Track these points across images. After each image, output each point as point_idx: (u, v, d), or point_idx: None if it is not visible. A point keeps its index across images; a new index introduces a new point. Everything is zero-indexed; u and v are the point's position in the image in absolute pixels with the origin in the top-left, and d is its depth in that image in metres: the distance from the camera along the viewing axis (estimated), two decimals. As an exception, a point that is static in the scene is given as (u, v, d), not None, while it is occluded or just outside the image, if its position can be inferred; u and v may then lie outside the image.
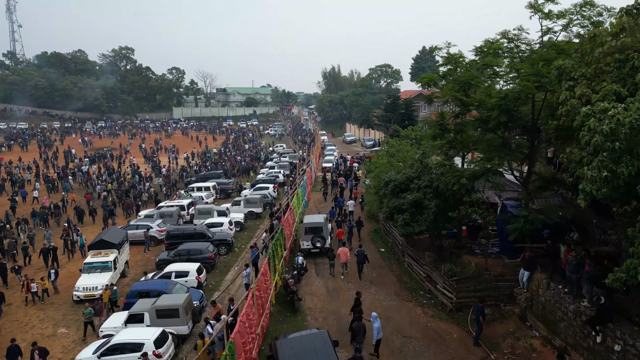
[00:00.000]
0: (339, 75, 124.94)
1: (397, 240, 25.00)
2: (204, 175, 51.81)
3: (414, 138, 36.63)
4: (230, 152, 72.13)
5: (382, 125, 69.72)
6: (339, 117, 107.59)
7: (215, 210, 35.91)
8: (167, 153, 74.00)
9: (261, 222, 37.96)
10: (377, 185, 26.40)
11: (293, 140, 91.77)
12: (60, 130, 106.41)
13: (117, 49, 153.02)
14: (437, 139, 23.22)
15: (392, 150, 35.60)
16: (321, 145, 71.00)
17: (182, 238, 30.10)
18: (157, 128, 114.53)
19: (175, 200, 39.79)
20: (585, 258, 14.93)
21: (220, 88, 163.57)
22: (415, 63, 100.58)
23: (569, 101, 12.88)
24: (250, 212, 38.99)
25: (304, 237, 26.62)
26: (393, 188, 21.66)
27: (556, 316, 16.23)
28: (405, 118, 53.71)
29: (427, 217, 20.08)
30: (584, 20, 17.93)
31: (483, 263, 20.67)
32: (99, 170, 57.37)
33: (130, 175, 52.63)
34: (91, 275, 24.72)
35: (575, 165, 13.95)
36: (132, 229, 32.82)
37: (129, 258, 29.03)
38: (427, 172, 21.85)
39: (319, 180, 49.91)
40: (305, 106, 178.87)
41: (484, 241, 23.63)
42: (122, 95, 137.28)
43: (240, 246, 32.29)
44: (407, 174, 21.96)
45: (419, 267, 21.42)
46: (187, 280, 24.35)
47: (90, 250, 26.51)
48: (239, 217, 36.10)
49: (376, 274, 23.65)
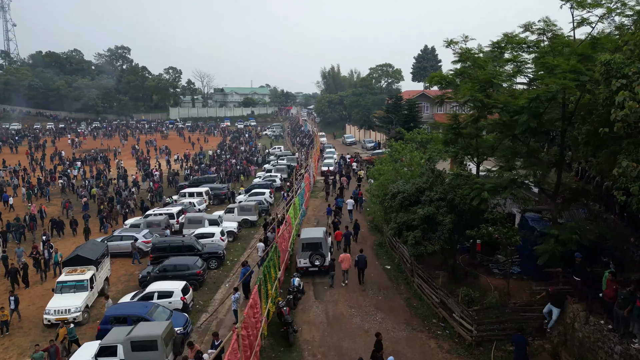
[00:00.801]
0: (338, 75, 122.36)
1: (405, 257, 22.43)
2: (197, 179, 49.24)
3: (419, 141, 34.19)
4: (225, 154, 69.40)
5: (383, 126, 67.20)
6: (338, 117, 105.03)
7: (207, 219, 33.38)
8: (160, 155, 71.44)
9: (256, 231, 35.50)
10: (381, 195, 23.94)
11: (291, 141, 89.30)
12: (53, 131, 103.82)
13: (113, 49, 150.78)
14: (450, 144, 20.73)
15: (395, 155, 33.21)
16: (320, 147, 68.41)
17: (169, 251, 27.61)
18: (152, 129, 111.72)
19: (164, 208, 37.20)
20: (638, 291, 12.48)
21: (218, 88, 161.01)
22: (417, 62, 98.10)
23: (628, 103, 10.40)
24: (244, 220, 36.49)
25: (301, 253, 23.80)
26: (401, 201, 19.10)
27: (598, 357, 13.76)
28: (408, 119, 51.14)
29: (441, 235, 17.53)
30: (625, 8, 15.41)
31: (504, 286, 18.17)
32: (82, 175, 54.62)
33: (116, 180, 49.88)
34: (64, 296, 22.18)
35: (627, 180, 11.52)
36: (115, 241, 30.37)
37: (109, 274, 26.51)
38: (440, 183, 19.34)
39: (318, 185, 47.38)
40: (304, 106, 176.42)
41: (502, 258, 21.14)
42: (117, 95, 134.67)
43: (233, 259, 29.80)
44: (417, 184, 19.39)
45: (431, 290, 18.80)
46: (171, 302, 21.84)
47: (64, 267, 23.96)
48: (232, 227, 33.58)
49: (382, 297, 20.98)
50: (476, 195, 15.90)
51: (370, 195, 28.55)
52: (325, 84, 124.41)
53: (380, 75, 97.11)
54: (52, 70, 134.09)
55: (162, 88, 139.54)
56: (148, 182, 48.48)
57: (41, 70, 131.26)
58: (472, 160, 21.33)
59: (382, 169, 25.87)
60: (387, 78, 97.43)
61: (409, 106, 52.50)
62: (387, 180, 23.97)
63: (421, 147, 34.35)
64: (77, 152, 71.32)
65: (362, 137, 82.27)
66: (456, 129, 19.82)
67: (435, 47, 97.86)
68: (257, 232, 35.18)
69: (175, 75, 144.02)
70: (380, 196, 23.97)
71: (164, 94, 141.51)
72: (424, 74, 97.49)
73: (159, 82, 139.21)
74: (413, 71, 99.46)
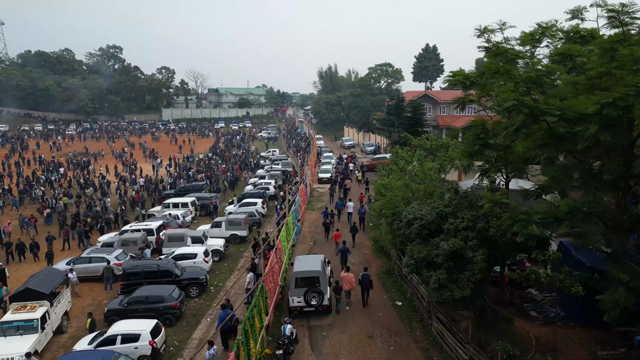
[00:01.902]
0: (335, 75, 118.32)
1: (420, 292, 18.53)
2: (183, 188, 45.29)
3: (428, 148, 30.49)
4: (216, 159, 65.32)
5: (384, 129, 63.40)
6: (336, 119, 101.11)
7: (189, 236, 29.56)
8: (147, 158, 67.45)
9: (246, 248, 31.71)
10: (389, 215, 20.17)
11: (287, 144, 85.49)
12: (41, 133, 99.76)
13: (105, 48, 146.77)
14: (475, 157, 16.96)
15: (402, 164, 29.49)
16: (317, 151, 64.50)
17: (142, 277, 23.79)
18: (142, 130, 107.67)
19: (143, 223, 33.27)
20: None
21: (212, 88, 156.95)
22: (418, 62, 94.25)
23: None
24: (233, 235, 32.72)
25: (294, 290, 19.34)
26: (419, 230, 15.30)
27: None
28: (412, 122, 47.32)
29: (471, 276, 13.73)
30: None
31: (548, 336, 14.44)
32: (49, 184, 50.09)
33: (91, 191, 45.50)
34: (8, 340, 18.36)
35: None
36: (83, 263, 26.53)
37: (70, 307, 22.64)
38: (467, 206, 15.55)
39: (315, 194, 43.60)
40: (300, 107, 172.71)
41: (537, 296, 17.43)
42: (109, 96, 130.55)
43: (217, 284, 26.01)
44: (438, 208, 15.60)
45: (456, 342, 14.90)
46: (138, 347, 18.06)
47: (12, 303, 20.07)
48: (218, 245, 29.73)
49: (394, 348, 16.77)
50: (521, 229, 12.14)
51: (376, 213, 24.75)
52: (322, 84, 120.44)
53: (380, 75, 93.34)
54: (42, 70, 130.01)
55: (155, 88, 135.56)
56: (126, 188, 44.56)
57: (30, 70, 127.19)
58: (501, 176, 17.63)
59: (390, 184, 22.12)
60: (387, 78, 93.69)
61: (412, 108, 48.64)
62: (396, 198, 20.22)
63: (430, 154, 30.64)
64: (57, 156, 67.14)
65: (362, 140, 78.50)
66: (484, 139, 16.07)
67: (437, 45, 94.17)
68: (247, 250, 31.39)
69: (168, 76, 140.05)
70: (388, 216, 20.21)
71: (156, 95, 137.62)
72: (425, 73, 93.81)
73: (152, 83, 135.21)
74: (414, 71, 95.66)
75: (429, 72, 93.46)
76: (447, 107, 68.72)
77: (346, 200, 36.24)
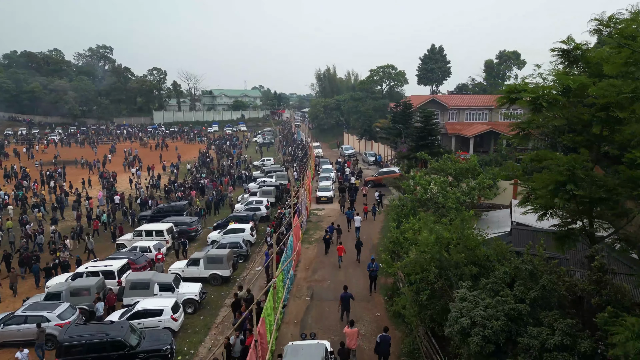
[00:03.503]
0: (334, 77, 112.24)
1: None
2: (162, 209, 39.35)
3: (452, 172, 24.89)
4: (200, 172, 59.24)
5: (389, 139, 57.57)
6: (335, 124, 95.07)
7: (157, 283, 23.83)
8: (128, 169, 61.53)
9: (229, 291, 26.11)
10: (415, 280, 14.46)
11: (282, 152, 79.77)
12: (22, 138, 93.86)
13: (94, 48, 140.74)
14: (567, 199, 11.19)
15: (422, 194, 23.84)
16: (315, 161, 58.62)
17: (85, 353, 18.14)
18: (129, 134, 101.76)
19: (103, 262, 27.36)
20: None
21: (206, 90, 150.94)
22: (423, 64, 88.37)
23: None
24: (213, 275, 27.08)
25: None
26: (482, 344, 9.44)
27: None
28: (424, 134, 41.46)
29: None
30: None
31: None
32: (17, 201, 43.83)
33: (43, 212, 38.94)
34: None
35: None
36: (17, 324, 20.79)
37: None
38: (557, 299, 9.86)
39: (313, 218, 37.90)
40: (298, 109, 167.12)
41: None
42: (98, 98, 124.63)
43: (187, 351, 20.32)
44: (507, 305, 9.74)
45: None
46: None
47: None
48: (192, 292, 23.95)
49: None
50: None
51: (393, 274, 18.84)
52: (320, 86, 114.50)
53: (382, 78, 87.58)
54: (28, 71, 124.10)
55: (146, 90, 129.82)
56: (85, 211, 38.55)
57: (15, 71, 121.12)
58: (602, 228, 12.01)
59: (412, 233, 16.37)
60: (390, 81, 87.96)
61: (423, 117, 42.70)
62: (423, 256, 14.55)
63: (455, 179, 25.03)
64: (28, 166, 61.09)
65: (363, 149, 72.79)
66: (573, 171, 10.39)
67: (444, 46, 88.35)
68: (229, 294, 25.78)
69: (160, 77, 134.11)
70: (414, 282, 14.56)
71: (148, 97, 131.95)
72: (430, 76, 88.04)
73: (143, 84, 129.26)
74: (419, 73, 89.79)
75: (434, 75, 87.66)
76: (456, 114, 63.21)
77: (353, 212, 34.64)
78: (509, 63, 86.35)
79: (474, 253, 14.48)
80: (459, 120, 63.10)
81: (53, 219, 36.18)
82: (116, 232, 34.41)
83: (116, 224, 35.47)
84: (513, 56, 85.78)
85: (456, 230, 14.74)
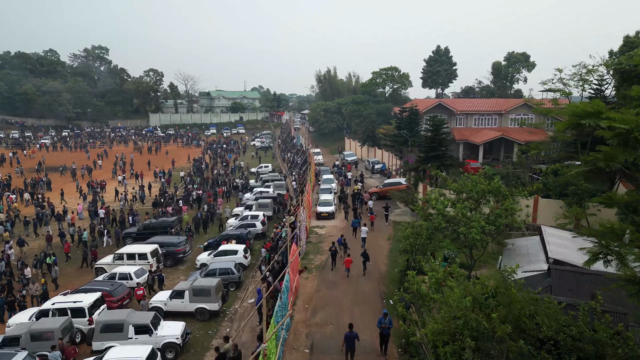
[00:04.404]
0: (335, 79, 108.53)
1: None
2: (148, 225, 36.09)
3: (474, 195, 21.68)
4: (192, 182, 55.69)
5: (393, 146, 54.23)
6: (335, 128, 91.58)
7: (132, 325, 20.56)
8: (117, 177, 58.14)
9: (217, 329, 22.90)
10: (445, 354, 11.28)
11: (281, 156, 76.54)
12: (13, 141, 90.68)
13: (90, 49, 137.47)
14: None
15: (439, 221, 20.65)
16: (315, 170, 55.18)
17: None
18: (122, 138, 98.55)
19: (74, 295, 24.04)
20: None
21: (204, 92, 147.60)
22: (428, 66, 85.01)
23: None
24: (200, 310, 23.86)
25: None
26: None
27: None
28: (434, 144, 38.05)
29: None
30: None
31: None
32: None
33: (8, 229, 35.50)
34: None
35: None
36: (-38, 380, 17.60)
37: None
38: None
39: (313, 237, 34.60)
40: (297, 111, 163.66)
41: None
42: (93, 99, 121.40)
43: (164, 413, 17.06)
44: None
45: None
46: None
47: None
48: (174, 334, 20.62)
49: None
50: None
51: (412, 341, 15.42)
52: (320, 88, 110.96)
53: (385, 81, 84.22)
54: (21, 73, 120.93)
55: (143, 92, 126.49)
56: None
57: (7, 72, 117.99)
58: None
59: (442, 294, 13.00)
60: (393, 84, 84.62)
61: (433, 125, 39.31)
62: (455, 322, 11.34)
63: (475, 201, 21.79)
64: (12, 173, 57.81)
65: (366, 155, 69.49)
66: None
67: (450, 47, 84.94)
68: (217, 332, 22.58)
69: (157, 78, 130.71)
70: (443, 355, 11.33)
71: (144, 99, 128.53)
72: (436, 79, 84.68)
73: (139, 86, 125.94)
74: (423, 76, 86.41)
75: (440, 78, 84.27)
76: (464, 119, 59.94)
77: (359, 221, 34.20)
78: (517, 65, 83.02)
79: (518, 318, 11.28)
80: (467, 126, 59.83)
81: (19, 241, 32.35)
82: (88, 257, 31.05)
83: (91, 246, 31.98)
84: (522, 58, 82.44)
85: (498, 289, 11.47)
